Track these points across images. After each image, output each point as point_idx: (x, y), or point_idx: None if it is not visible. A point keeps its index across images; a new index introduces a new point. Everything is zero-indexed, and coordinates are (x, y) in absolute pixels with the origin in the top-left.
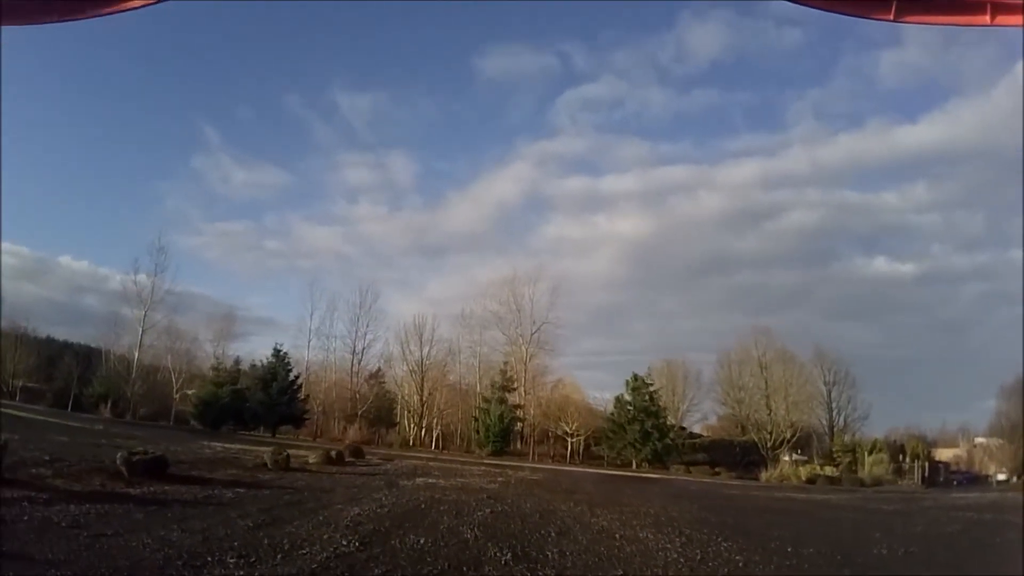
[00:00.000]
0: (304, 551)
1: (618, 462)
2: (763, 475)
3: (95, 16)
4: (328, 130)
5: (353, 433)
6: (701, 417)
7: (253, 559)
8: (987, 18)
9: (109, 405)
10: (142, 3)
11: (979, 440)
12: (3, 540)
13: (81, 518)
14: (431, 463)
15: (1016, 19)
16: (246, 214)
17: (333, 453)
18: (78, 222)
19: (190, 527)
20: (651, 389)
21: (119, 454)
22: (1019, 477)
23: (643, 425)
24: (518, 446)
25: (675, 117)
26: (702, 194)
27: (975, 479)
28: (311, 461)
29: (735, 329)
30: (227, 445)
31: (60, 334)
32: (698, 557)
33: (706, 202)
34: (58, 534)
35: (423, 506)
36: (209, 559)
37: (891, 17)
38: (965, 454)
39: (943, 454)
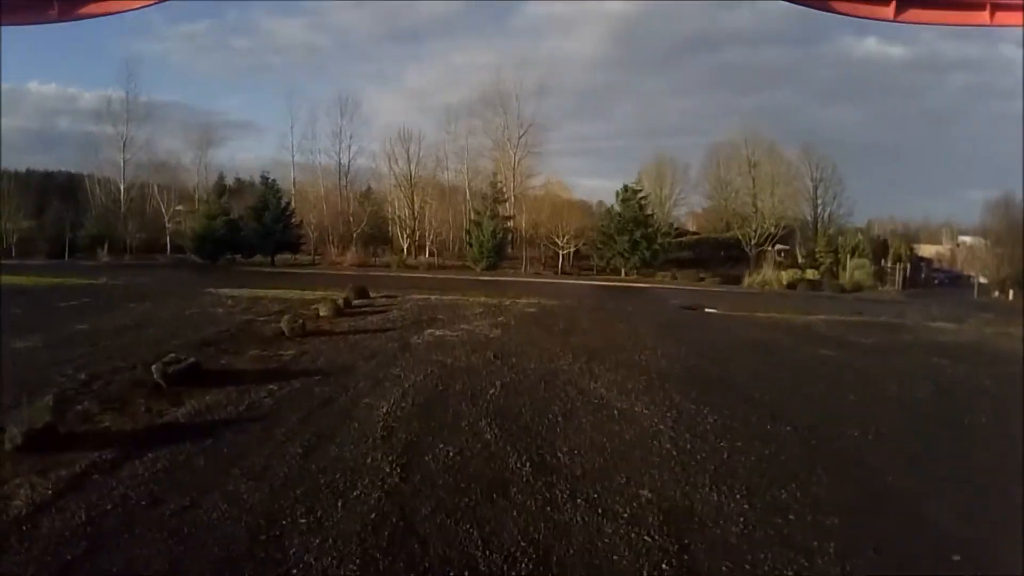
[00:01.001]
0: (357, 492)
1: (607, 270)
2: (746, 279)
3: (95, 16)
4: None
5: (350, 256)
6: (688, 210)
7: (319, 512)
8: (987, 17)
9: (106, 247)
10: (142, 3)
11: (963, 238)
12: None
13: (153, 484)
14: (432, 295)
15: (1016, 18)
16: (207, 13)
17: (340, 301)
18: (36, 44)
19: (252, 470)
20: (640, 198)
21: (154, 366)
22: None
23: (631, 235)
24: (510, 250)
25: None
26: None
27: (956, 278)
28: (322, 315)
29: (722, 109)
30: (234, 292)
31: (39, 163)
32: (688, 446)
33: None
34: (148, 522)
35: (440, 387)
36: (284, 522)
37: (891, 16)
38: (948, 252)
39: (926, 250)
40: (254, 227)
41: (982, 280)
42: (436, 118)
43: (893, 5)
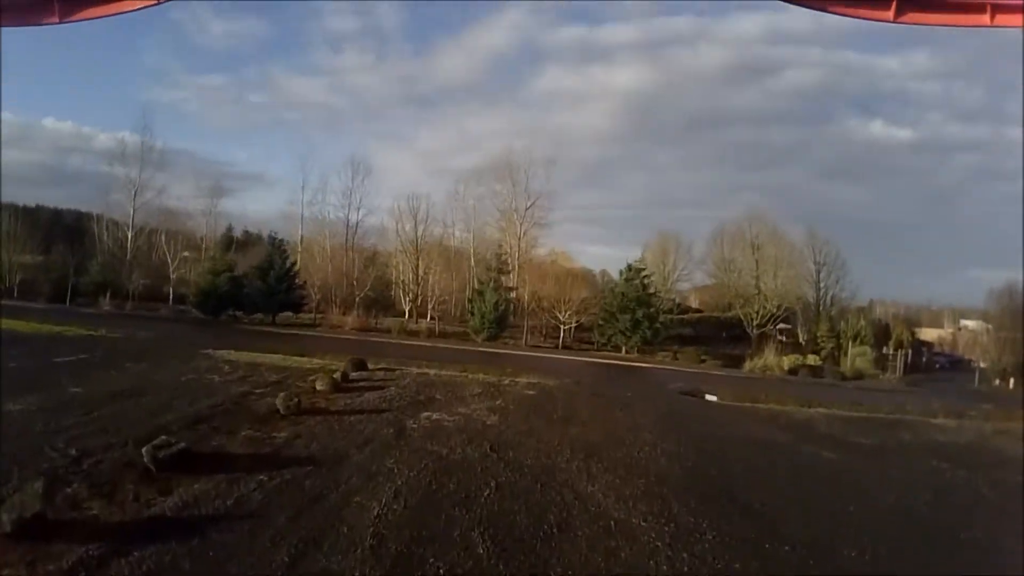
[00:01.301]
0: None
1: (608, 346)
2: (747, 363)
3: (95, 17)
4: None
5: (352, 319)
6: (691, 285)
7: None
8: (987, 18)
9: (108, 295)
10: (142, 4)
11: (964, 322)
12: None
13: None
14: (431, 369)
15: (1016, 19)
16: (226, 67)
17: (337, 375)
18: (58, 81)
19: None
20: (644, 277)
21: (144, 450)
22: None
23: (634, 314)
24: (512, 319)
25: None
26: (703, 47)
27: (957, 362)
28: (319, 389)
29: (729, 185)
30: (231, 357)
31: (49, 198)
32: (685, 568)
33: (707, 55)
34: None
35: (433, 486)
36: None
37: (891, 18)
38: (950, 335)
39: (928, 333)
40: (258, 286)
41: (982, 365)
42: (446, 181)
43: (893, 7)
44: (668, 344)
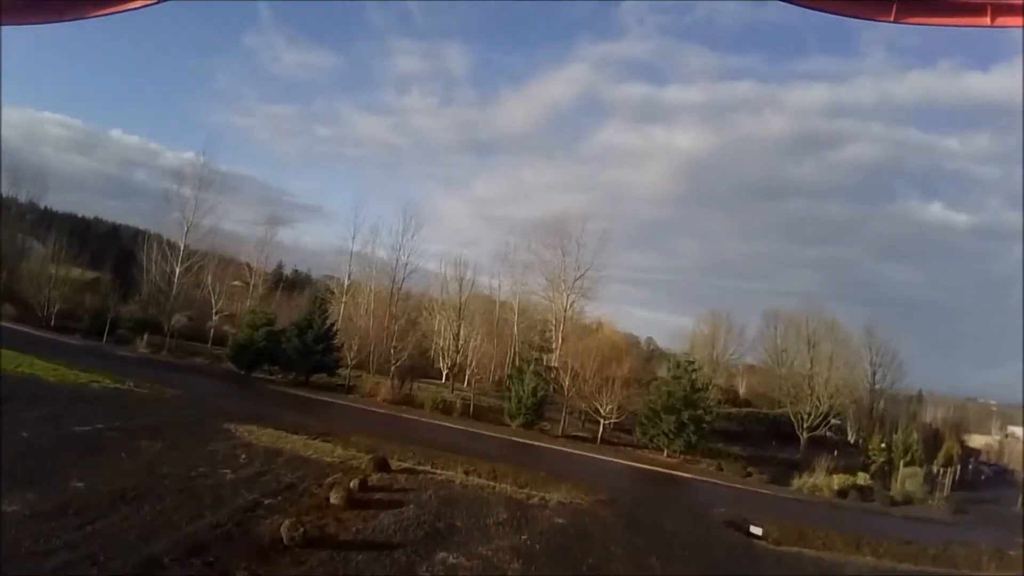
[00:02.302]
0: None
1: (648, 447)
2: (795, 482)
3: (95, 16)
4: (383, 13)
5: (384, 391)
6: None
7: None
8: (987, 19)
9: (145, 339)
10: (142, 3)
11: (1012, 429)
12: None
13: None
14: (458, 474)
15: (1016, 20)
16: (296, 98)
17: (355, 484)
18: (129, 96)
19: None
20: (692, 372)
21: None
22: None
23: (679, 415)
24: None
25: (746, 28)
26: (766, 114)
27: (1002, 472)
28: (332, 502)
29: (784, 258)
30: (251, 438)
31: (109, 210)
32: None
33: (769, 123)
34: None
35: None
36: None
37: (891, 18)
38: (996, 443)
39: (975, 440)
40: (295, 345)
41: None
42: (497, 230)
43: (894, 8)
44: (713, 439)
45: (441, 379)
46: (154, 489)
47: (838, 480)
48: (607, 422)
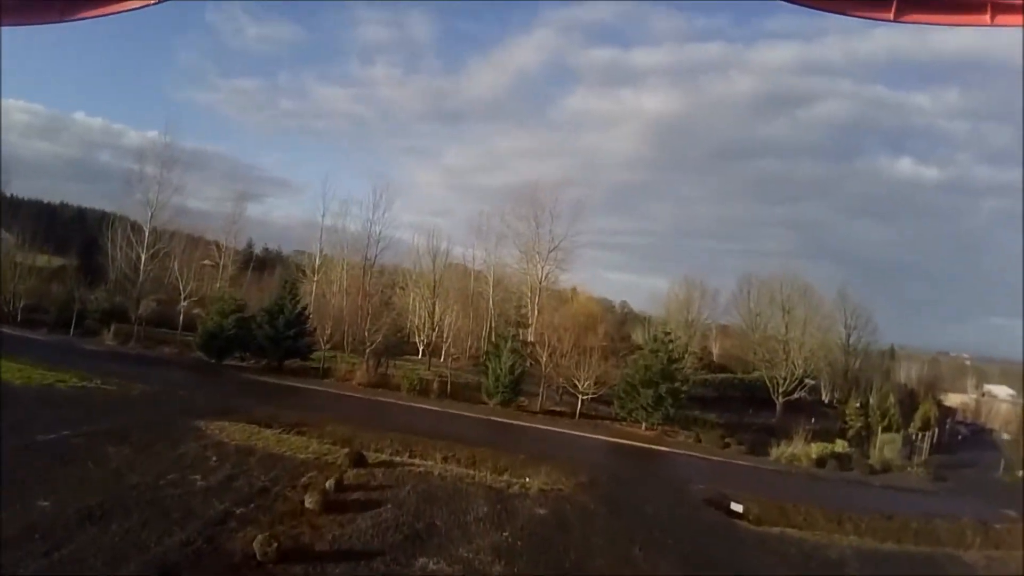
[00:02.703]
0: None
1: (627, 420)
2: (773, 451)
3: (95, 16)
4: None
5: (360, 373)
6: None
7: None
8: (987, 18)
9: (112, 330)
10: (142, 3)
11: (988, 388)
12: None
13: None
14: (436, 464)
15: (1016, 19)
16: (260, 71)
17: (331, 484)
18: (91, 77)
19: None
20: (671, 347)
21: None
22: None
23: (657, 389)
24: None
25: None
26: (734, 74)
27: (979, 432)
28: (308, 506)
29: (755, 218)
30: (223, 436)
31: (74, 193)
32: None
33: (737, 83)
34: None
35: None
36: None
37: (891, 17)
38: (973, 403)
39: (952, 399)
40: (267, 331)
41: (1005, 436)
42: (470, 198)
43: (893, 7)
44: (690, 406)
45: (417, 355)
46: (122, 503)
47: (816, 449)
48: (585, 396)
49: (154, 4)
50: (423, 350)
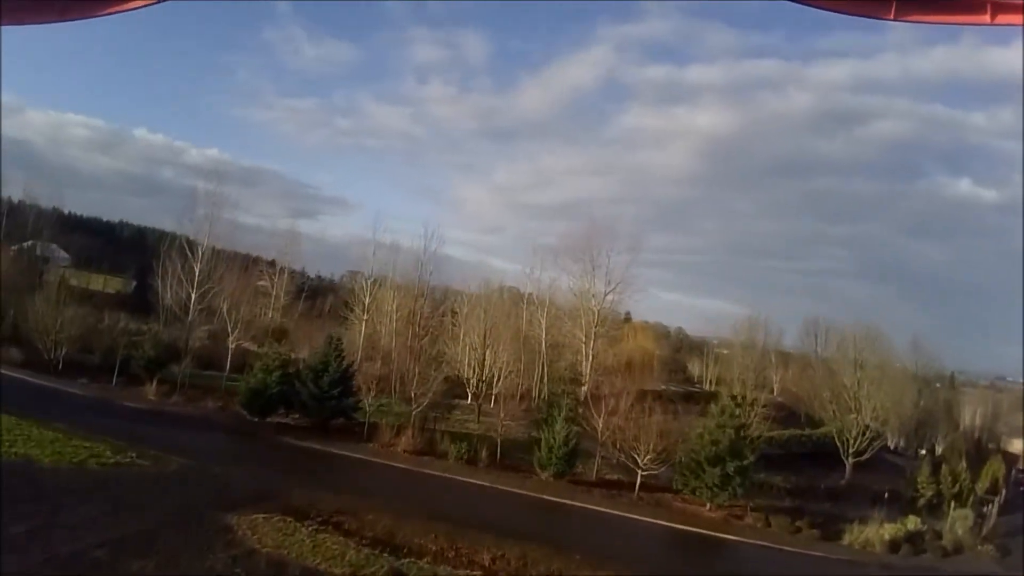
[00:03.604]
0: None
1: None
2: (846, 536)
3: (95, 16)
4: (400, 3)
5: (405, 441)
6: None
7: None
8: (987, 17)
9: (155, 383)
10: (142, 3)
11: None
12: None
13: None
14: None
15: (1016, 18)
16: (316, 91)
17: None
18: (152, 95)
19: None
20: (739, 419)
21: None
22: None
23: (724, 467)
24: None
25: (767, 5)
26: (790, 91)
27: None
28: None
29: (811, 236)
30: (257, 544)
31: (134, 209)
32: None
33: (794, 100)
34: None
35: None
36: None
37: (891, 17)
38: None
39: (1016, 445)
40: (311, 390)
41: None
42: (521, 216)
43: (893, 6)
44: (755, 467)
45: (467, 398)
46: None
47: (889, 530)
48: (644, 473)
49: (154, 3)
50: (473, 395)
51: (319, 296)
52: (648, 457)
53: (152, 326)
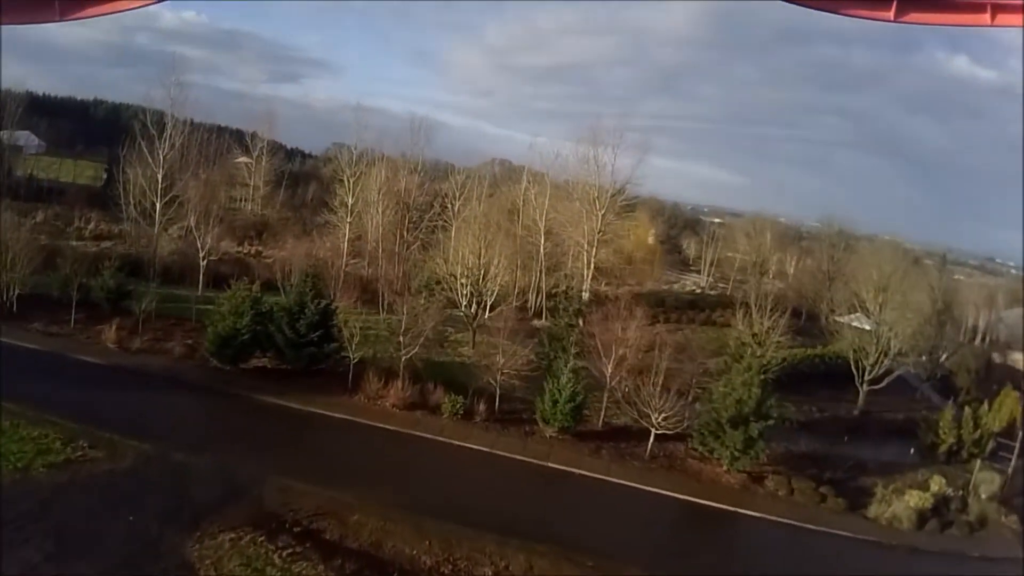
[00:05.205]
0: None
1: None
2: (872, 508)
3: (95, 16)
4: None
5: (394, 394)
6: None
7: None
8: (987, 18)
9: (114, 328)
10: (141, 3)
11: None
12: None
13: None
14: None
15: (1016, 19)
16: None
17: None
18: None
19: None
20: (764, 370)
21: None
22: None
23: (748, 430)
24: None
25: None
26: None
27: None
28: None
29: (808, 105)
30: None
31: (110, 79)
32: None
33: None
34: None
35: None
36: None
37: (891, 17)
38: None
39: (1017, 359)
40: (287, 334)
41: None
42: (514, 79)
43: (894, 6)
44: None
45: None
46: None
47: (915, 497)
48: (658, 431)
49: (154, 3)
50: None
51: (300, 183)
52: (662, 417)
53: (122, 228)
